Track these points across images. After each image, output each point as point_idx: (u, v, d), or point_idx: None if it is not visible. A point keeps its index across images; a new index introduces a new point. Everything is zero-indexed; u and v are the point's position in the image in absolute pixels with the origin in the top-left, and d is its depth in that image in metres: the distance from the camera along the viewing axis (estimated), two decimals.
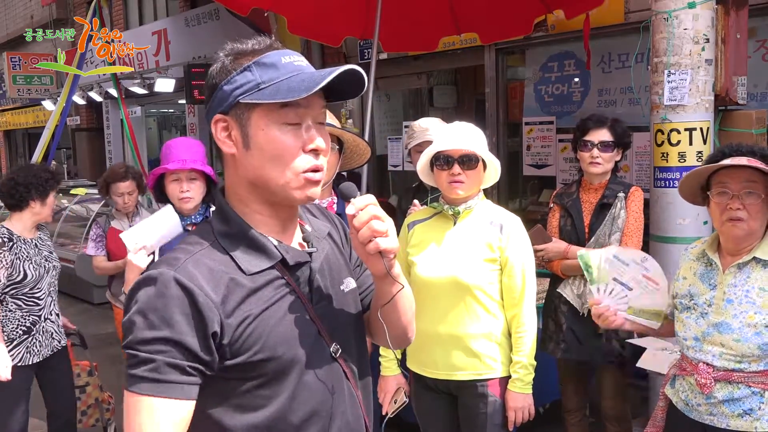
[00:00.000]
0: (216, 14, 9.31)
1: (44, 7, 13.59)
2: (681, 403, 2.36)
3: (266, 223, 1.42)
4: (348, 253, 1.63)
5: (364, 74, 1.36)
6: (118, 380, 4.75)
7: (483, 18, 5.31)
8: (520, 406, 2.67)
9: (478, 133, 2.71)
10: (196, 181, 3.14)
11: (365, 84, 1.37)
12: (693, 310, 2.31)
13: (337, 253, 1.57)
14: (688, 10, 3.26)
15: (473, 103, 7.63)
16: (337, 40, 5.72)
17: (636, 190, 3.36)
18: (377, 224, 1.35)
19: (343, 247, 1.62)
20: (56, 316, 3.85)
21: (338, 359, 1.49)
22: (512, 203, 6.54)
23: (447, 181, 2.64)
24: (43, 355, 3.74)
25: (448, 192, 2.68)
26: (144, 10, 12.59)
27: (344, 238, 1.63)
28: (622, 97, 5.45)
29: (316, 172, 1.37)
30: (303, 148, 1.35)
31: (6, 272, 3.55)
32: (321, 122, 1.40)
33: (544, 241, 3.35)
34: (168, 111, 15.24)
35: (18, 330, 3.66)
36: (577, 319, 3.36)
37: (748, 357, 2.17)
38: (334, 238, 1.59)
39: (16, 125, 17.28)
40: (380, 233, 1.35)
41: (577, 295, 3.35)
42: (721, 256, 2.32)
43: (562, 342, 3.40)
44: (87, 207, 9.36)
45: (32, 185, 3.65)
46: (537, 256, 3.35)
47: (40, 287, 3.71)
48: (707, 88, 3.31)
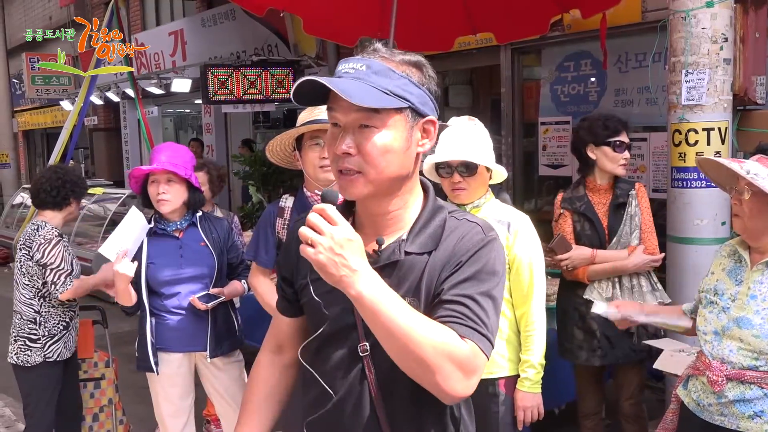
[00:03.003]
0: (232, 15, 9.35)
1: (62, 9, 13.71)
2: (692, 403, 2.35)
3: None
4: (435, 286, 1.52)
5: (321, 80, 1.40)
6: (134, 377, 4.79)
7: (499, 18, 5.30)
8: (528, 406, 2.67)
9: (479, 134, 2.72)
10: (175, 184, 3.26)
11: (330, 87, 1.41)
12: (716, 304, 2.31)
13: (421, 274, 1.51)
14: (706, 9, 3.23)
15: (489, 103, 7.60)
16: (352, 40, 5.73)
17: (641, 186, 3.35)
18: (307, 231, 1.34)
19: (434, 278, 1.52)
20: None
21: (364, 358, 1.50)
22: (527, 203, 6.51)
23: (449, 188, 2.73)
24: (72, 350, 3.81)
25: (452, 198, 2.75)
26: (161, 10, 12.68)
27: (454, 270, 1.51)
28: (639, 97, 5.41)
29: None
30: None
31: (71, 259, 3.65)
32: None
33: (566, 250, 3.28)
34: (184, 111, 15.34)
35: (59, 325, 3.72)
36: (609, 323, 3.28)
37: (765, 354, 2.15)
38: (437, 262, 1.52)
39: (35, 125, 17.44)
40: (305, 238, 1.34)
41: (607, 298, 3.27)
42: (751, 253, 2.31)
43: (598, 349, 3.31)
44: (104, 206, 9.44)
45: (76, 185, 3.75)
46: (561, 265, 3.32)
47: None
48: (725, 87, 3.29)
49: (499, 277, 1.51)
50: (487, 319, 1.44)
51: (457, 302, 1.44)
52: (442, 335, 1.38)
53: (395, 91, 1.45)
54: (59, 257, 3.58)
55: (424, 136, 1.53)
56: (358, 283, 1.33)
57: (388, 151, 1.45)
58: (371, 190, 1.48)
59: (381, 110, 1.43)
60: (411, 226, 1.55)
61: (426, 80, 1.52)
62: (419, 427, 1.55)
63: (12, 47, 15.36)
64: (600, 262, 3.25)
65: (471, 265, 1.48)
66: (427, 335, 1.35)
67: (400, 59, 1.50)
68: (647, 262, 3.23)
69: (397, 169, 1.49)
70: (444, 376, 1.36)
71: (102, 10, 12.13)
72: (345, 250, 1.32)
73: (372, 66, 1.45)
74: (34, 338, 3.66)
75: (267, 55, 8.49)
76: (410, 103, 1.47)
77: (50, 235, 3.59)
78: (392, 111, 1.45)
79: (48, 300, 3.68)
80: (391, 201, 1.53)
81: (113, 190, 9.92)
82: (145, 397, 4.75)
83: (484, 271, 1.48)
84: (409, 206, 1.56)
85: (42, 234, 3.59)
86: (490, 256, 1.50)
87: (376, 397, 1.52)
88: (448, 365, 1.36)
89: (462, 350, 1.38)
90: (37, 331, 3.66)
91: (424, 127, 1.52)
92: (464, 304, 1.43)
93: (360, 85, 1.42)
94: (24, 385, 3.73)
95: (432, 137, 1.54)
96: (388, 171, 1.47)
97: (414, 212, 1.56)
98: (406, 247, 1.51)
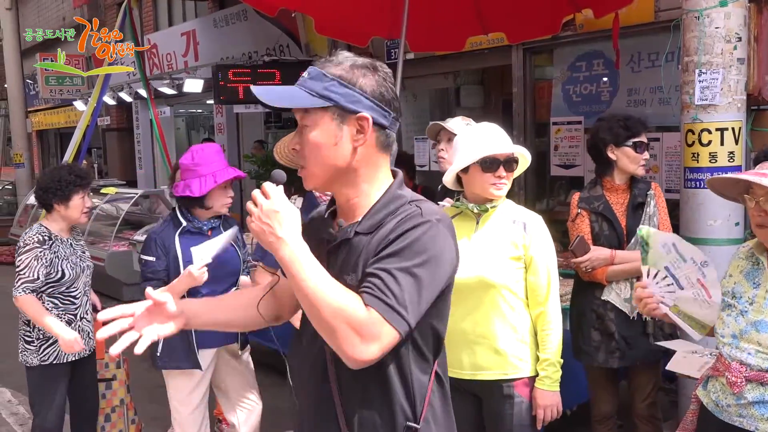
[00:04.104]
0: (244, 15, 9.38)
1: (76, 9, 13.79)
2: (711, 404, 2.34)
3: None
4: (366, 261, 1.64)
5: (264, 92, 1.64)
6: (146, 376, 4.80)
7: (510, 18, 5.28)
8: (548, 404, 2.66)
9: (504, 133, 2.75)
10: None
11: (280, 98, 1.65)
12: (733, 307, 2.29)
13: (360, 252, 1.65)
14: (719, 8, 3.21)
15: (500, 103, 7.59)
16: (364, 40, 5.73)
17: (657, 186, 3.32)
18: (248, 203, 1.57)
19: (369, 255, 1.63)
20: (91, 315, 3.85)
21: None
22: (539, 204, 6.50)
23: (490, 182, 2.67)
24: (79, 354, 3.73)
25: (490, 193, 2.69)
26: (173, 11, 12.73)
27: (384, 246, 1.61)
28: (652, 97, 5.39)
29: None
30: None
31: (45, 270, 3.59)
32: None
33: (585, 252, 3.24)
34: (196, 111, 15.39)
35: None
36: (626, 324, 3.26)
37: None
38: (375, 241, 1.64)
39: (49, 125, 17.56)
40: (248, 209, 1.56)
41: (625, 299, 3.25)
42: None
43: (616, 350, 3.28)
44: (117, 206, 9.49)
45: (50, 189, 3.67)
46: (581, 267, 3.28)
47: (76, 286, 3.74)
48: (739, 87, 3.27)
49: (428, 257, 1.57)
50: (399, 292, 1.52)
51: (373, 275, 1.55)
52: (344, 300, 1.51)
53: (321, 93, 1.62)
54: (25, 263, 3.56)
55: (360, 131, 1.65)
56: (281, 248, 1.53)
57: (316, 146, 1.64)
58: (317, 183, 1.70)
59: (309, 110, 1.63)
60: (367, 210, 1.69)
61: (364, 82, 1.65)
62: (363, 395, 1.66)
63: (26, 48, 15.46)
64: (619, 262, 3.22)
65: (398, 243, 1.58)
66: (330, 299, 1.50)
67: (350, 64, 1.66)
68: None
69: (330, 162, 1.65)
70: (341, 336, 1.50)
71: (115, 11, 12.20)
72: (272, 219, 1.53)
73: (310, 72, 1.66)
74: (29, 340, 3.67)
75: (279, 56, 8.51)
76: (334, 102, 1.62)
77: (29, 240, 3.60)
78: (319, 110, 1.63)
79: (41, 301, 3.63)
80: (349, 191, 1.70)
81: (126, 190, 9.98)
82: (157, 396, 4.78)
83: (410, 248, 1.56)
84: (369, 195, 1.70)
85: (25, 237, 3.64)
86: (421, 237, 1.58)
87: (330, 360, 1.66)
88: (344, 327, 1.49)
89: (359, 315, 1.50)
90: (30, 333, 3.67)
91: (358, 123, 1.64)
92: (379, 277, 1.54)
93: (292, 91, 1.65)
94: (29, 384, 3.76)
95: (367, 131, 1.64)
96: (321, 164, 1.66)
97: (374, 200, 1.70)
98: (357, 228, 1.67)
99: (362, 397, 1.66)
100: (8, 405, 5.44)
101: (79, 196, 3.70)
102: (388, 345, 1.53)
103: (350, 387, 1.66)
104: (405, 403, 1.66)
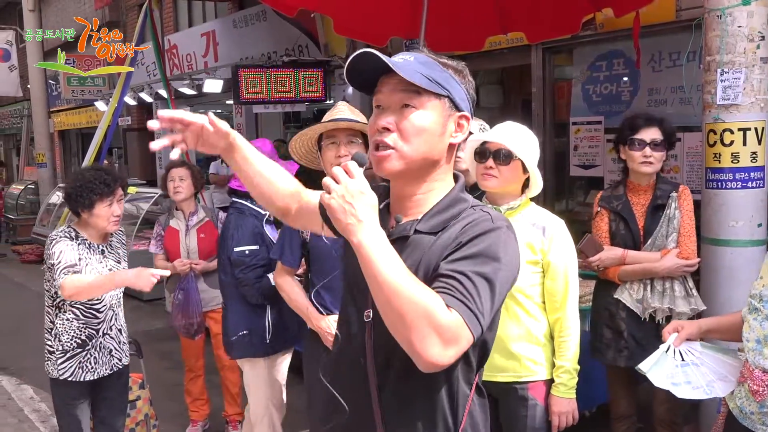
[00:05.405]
0: (263, 16, 9.41)
1: (97, 11, 13.92)
2: (736, 409, 2.31)
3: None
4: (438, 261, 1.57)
5: (376, 53, 1.52)
6: (165, 374, 4.84)
7: (530, 17, 5.26)
8: (564, 411, 2.65)
9: (527, 136, 2.70)
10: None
11: (384, 62, 1.53)
12: (759, 311, 2.25)
13: (423, 252, 1.58)
14: (742, 7, 3.18)
15: (520, 103, 7.56)
16: (382, 40, 5.73)
17: (685, 189, 3.28)
18: (328, 180, 1.47)
19: (435, 256, 1.57)
20: (118, 332, 3.51)
21: (367, 324, 1.60)
22: (558, 204, 6.46)
23: (480, 172, 2.70)
24: (99, 373, 3.42)
25: (480, 183, 2.73)
26: (193, 12, 12.81)
27: (454, 249, 1.55)
28: (673, 97, 5.34)
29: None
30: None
31: (78, 256, 3.30)
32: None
33: (596, 251, 3.26)
34: (216, 111, 15.45)
35: (72, 342, 3.37)
36: (637, 324, 3.26)
37: None
38: (441, 243, 1.58)
39: (71, 125, 17.76)
40: (326, 187, 1.47)
41: (637, 300, 3.25)
42: None
43: (624, 349, 3.29)
44: (137, 205, 9.57)
45: (72, 196, 3.37)
46: (592, 266, 3.30)
47: (100, 299, 3.39)
48: (762, 87, 3.23)
49: (500, 263, 1.51)
50: (477, 297, 1.45)
51: (450, 276, 1.47)
52: (427, 297, 1.41)
53: (438, 80, 1.57)
54: (56, 254, 3.25)
55: (458, 130, 1.63)
56: (360, 232, 1.43)
57: (423, 130, 1.57)
58: (402, 167, 1.58)
59: (422, 93, 1.56)
60: (429, 209, 1.63)
61: (465, 84, 1.65)
62: (407, 404, 1.60)
63: (48, 49, 15.62)
64: (631, 262, 3.22)
65: (472, 247, 1.51)
66: (412, 293, 1.40)
67: (444, 61, 1.63)
68: (680, 266, 3.18)
69: (428, 151, 1.59)
70: (419, 336, 1.39)
71: (136, 12, 12.30)
72: (355, 200, 1.44)
73: (419, 58, 1.59)
74: (50, 350, 3.41)
75: (297, 56, 8.53)
76: (450, 93, 1.59)
77: (56, 235, 3.36)
78: (432, 95, 1.57)
79: (62, 311, 3.37)
80: (419, 185, 1.64)
81: (146, 190, 10.05)
82: (175, 394, 4.82)
83: (484, 253, 1.50)
84: (435, 193, 1.65)
85: (52, 234, 3.39)
86: (494, 242, 1.52)
87: (371, 365, 1.61)
88: (425, 327, 1.39)
89: (443, 316, 1.40)
90: (52, 343, 3.40)
91: (458, 121, 1.63)
92: (457, 279, 1.47)
93: (409, 66, 1.55)
94: (52, 395, 3.53)
95: (464, 132, 1.64)
96: (420, 150, 1.57)
97: (437, 199, 1.65)
98: (417, 226, 1.61)
99: (404, 402, 1.60)
100: (30, 402, 5.50)
101: (104, 204, 3.35)
102: (462, 351, 1.45)
103: (394, 392, 1.60)
104: (448, 413, 1.61)
